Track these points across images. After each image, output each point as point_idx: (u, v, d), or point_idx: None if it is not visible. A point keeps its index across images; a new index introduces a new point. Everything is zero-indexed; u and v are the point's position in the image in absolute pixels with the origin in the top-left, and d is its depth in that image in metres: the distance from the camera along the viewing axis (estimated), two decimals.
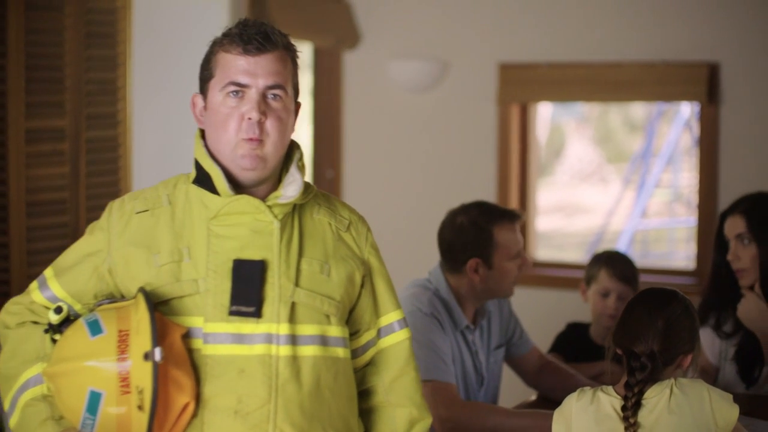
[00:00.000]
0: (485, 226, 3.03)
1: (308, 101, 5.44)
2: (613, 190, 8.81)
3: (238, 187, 2.08)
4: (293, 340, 2.04)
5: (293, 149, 2.15)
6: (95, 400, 1.92)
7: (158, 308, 2.01)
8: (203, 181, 2.08)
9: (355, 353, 2.20)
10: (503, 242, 3.04)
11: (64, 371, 1.96)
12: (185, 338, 2.01)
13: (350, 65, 5.27)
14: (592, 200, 9.15)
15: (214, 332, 2.02)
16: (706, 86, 4.59)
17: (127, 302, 2.02)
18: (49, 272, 2.14)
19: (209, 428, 2.00)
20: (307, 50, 5.45)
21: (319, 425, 2.06)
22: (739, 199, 3.22)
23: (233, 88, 2.05)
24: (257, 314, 2.03)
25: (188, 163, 2.16)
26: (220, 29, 2.11)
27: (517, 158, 5.08)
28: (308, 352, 2.06)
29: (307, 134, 5.53)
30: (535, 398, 3.29)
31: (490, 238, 3.03)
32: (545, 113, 7.48)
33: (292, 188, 2.10)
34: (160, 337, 1.94)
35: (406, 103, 5.19)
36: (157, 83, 4.15)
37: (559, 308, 4.66)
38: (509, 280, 3.06)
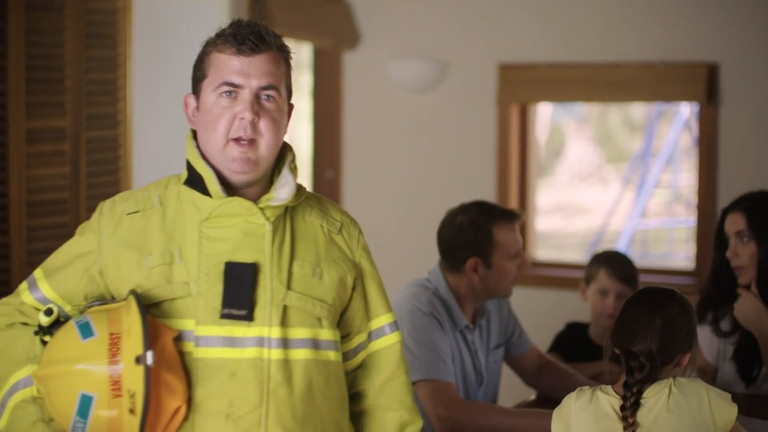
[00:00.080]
0: (485, 225, 3.04)
1: (308, 101, 5.45)
2: (612, 190, 8.80)
3: (229, 187, 2.07)
4: (285, 343, 2.03)
5: (285, 151, 2.13)
6: (86, 403, 1.91)
7: (149, 311, 1.99)
8: (195, 182, 2.07)
9: (345, 356, 2.18)
10: (502, 242, 3.04)
11: (54, 374, 1.94)
12: (176, 341, 1.99)
13: (350, 65, 5.28)
14: (591, 200, 9.14)
15: (205, 335, 2.00)
16: (705, 86, 4.60)
17: (117, 304, 2.00)
18: (38, 273, 2.11)
19: None
20: (307, 50, 5.45)
21: (310, 429, 2.05)
22: (741, 196, 3.21)
23: (226, 88, 2.03)
24: (249, 317, 2.01)
25: None
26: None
27: (516, 158, 5.08)
28: (300, 355, 2.04)
29: (307, 134, 5.53)
30: (534, 398, 3.29)
31: (489, 237, 3.03)
32: (545, 113, 7.47)
33: (284, 191, 2.08)
34: (151, 340, 1.92)
35: (405, 103, 5.19)
36: (157, 83, 4.15)
37: (558, 308, 4.67)
38: (508, 279, 3.07)
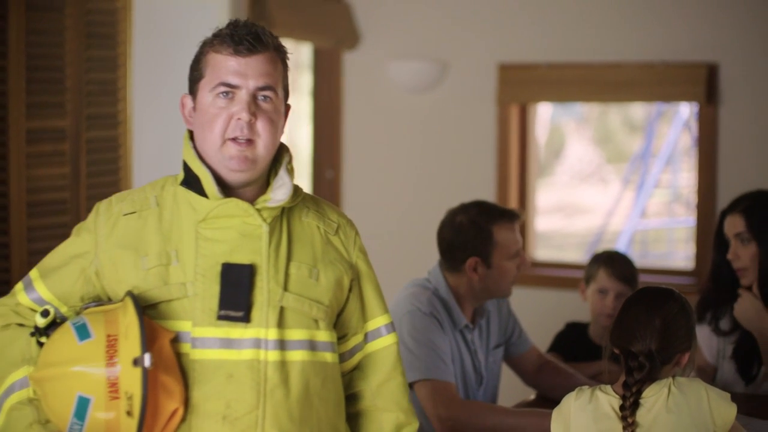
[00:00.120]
0: (485, 225, 3.04)
1: (308, 101, 5.45)
2: (612, 190, 8.80)
3: (225, 188, 2.06)
4: (282, 345, 2.03)
5: (282, 152, 2.12)
6: (83, 405, 1.90)
7: (146, 312, 1.99)
8: (192, 183, 2.06)
9: (342, 357, 2.17)
10: (502, 241, 3.04)
11: (51, 376, 1.93)
12: (173, 343, 1.99)
13: (350, 66, 5.28)
14: (591, 200, 9.13)
15: (202, 337, 2.00)
16: (705, 87, 4.60)
17: (114, 305, 2.00)
18: (34, 273, 2.10)
19: None
20: (307, 51, 5.45)
21: (307, 430, 2.05)
22: (738, 197, 3.21)
23: (223, 88, 2.03)
24: (246, 319, 2.01)
25: None
26: None
27: (516, 158, 5.08)
28: (297, 357, 2.04)
29: (307, 134, 5.53)
30: (534, 397, 3.29)
31: (489, 237, 3.03)
32: (545, 114, 7.47)
33: (281, 192, 2.07)
34: (148, 341, 1.91)
35: (405, 103, 5.19)
36: (157, 84, 4.15)
37: (558, 308, 4.67)
38: (508, 279, 3.07)
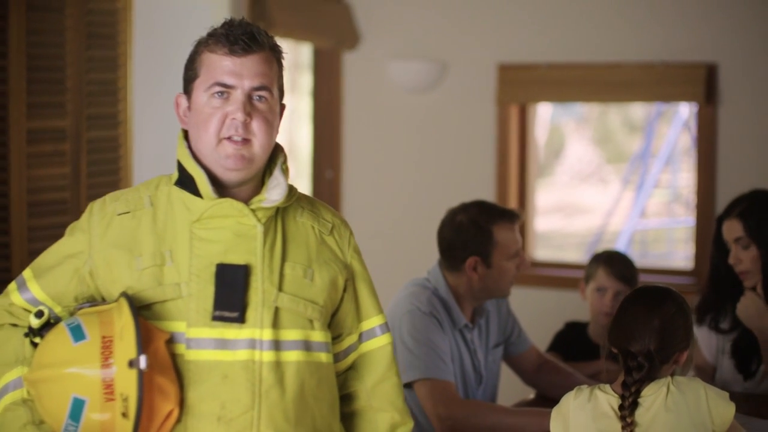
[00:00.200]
0: (485, 224, 3.04)
1: (308, 102, 5.46)
2: (612, 190, 8.80)
3: (220, 187, 2.05)
4: (276, 345, 2.02)
5: (277, 152, 2.12)
6: (78, 406, 1.89)
7: (140, 313, 1.97)
8: (186, 183, 2.05)
9: (336, 357, 2.17)
10: (502, 241, 3.05)
11: (46, 377, 1.92)
12: (168, 343, 1.98)
13: (350, 66, 5.28)
14: (591, 200, 9.12)
15: (197, 337, 1.99)
16: (704, 87, 4.61)
17: (108, 306, 1.98)
18: (28, 273, 2.09)
19: None
20: (306, 51, 5.46)
21: (302, 430, 2.04)
22: (733, 200, 3.21)
23: (219, 88, 2.02)
24: (240, 319, 2.00)
25: None
26: None
27: (516, 159, 5.09)
28: (292, 357, 2.04)
29: (307, 134, 5.54)
30: (533, 397, 3.30)
31: (489, 236, 3.04)
32: (545, 114, 7.47)
33: (276, 192, 2.06)
34: (144, 343, 1.91)
35: (405, 103, 5.20)
36: (157, 84, 4.16)
37: (558, 308, 4.67)
38: (507, 279, 3.07)
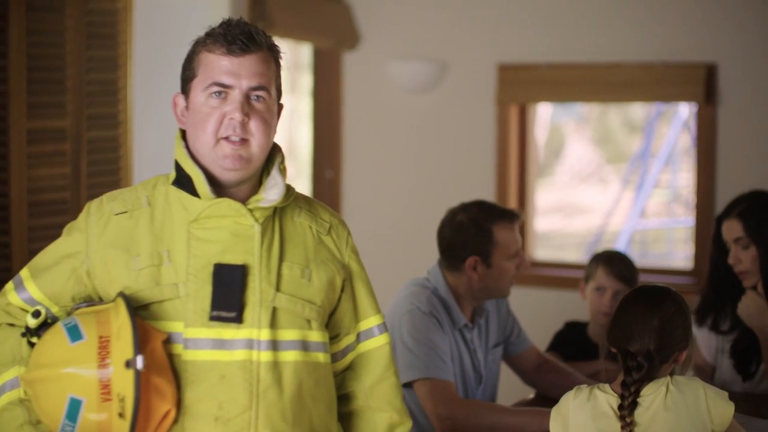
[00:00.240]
0: (485, 224, 3.05)
1: (308, 102, 5.46)
2: (612, 190, 8.80)
3: (218, 187, 2.05)
4: (274, 345, 2.02)
5: (275, 152, 2.11)
6: (75, 406, 1.89)
7: (138, 313, 1.97)
8: (183, 182, 2.05)
9: (334, 357, 2.17)
10: (502, 241, 3.05)
11: (43, 377, 1.92)
12: (165, 343, 1.98)
13: (350, 66, 5.29)
14: (591, 200, 9.13)
15: (194, 338, 1.99)
16: (703, 87, 4.61)
17: (105, 306, 1.98)
18: (25, 273, 2.08)
19: None
20: (306, 51, 5.47)
21: (300, 431, 2.04)
22: (733, 201, 3.22)
23: (216, 88, 2.02)
24: (238, 319, 2.00)
25: None
26: None
27: (515, 159, 5.09)
28: (289, 357, 2.03)
29: (307, 134, 5.54)
30: (533, 396, 3.30)
31: (489, 236, 3.04)
32: (545, 114, 7.47)
33: (273, 192, 2.06)
34: (141, 343, 1.90)
35: (405, 103, 5.20)
36: (157, 84, 4.16)
37: (557, 308, 4.68)
38: (507, 279, 3.08)
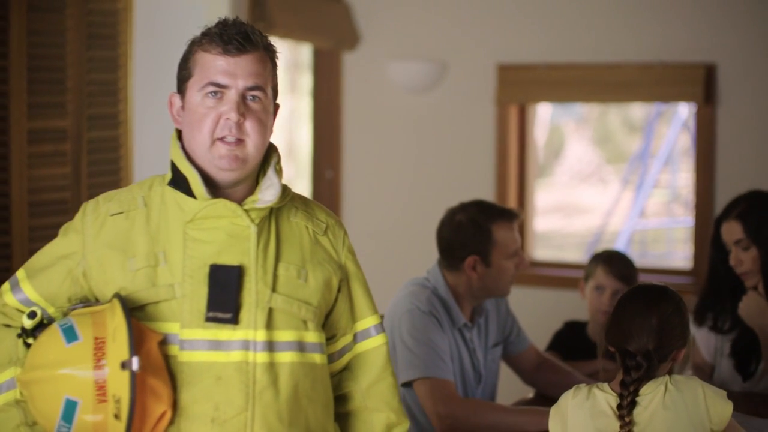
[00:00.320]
0: (484, 224, 3.05)
1: (308, 102, 5.47)
2: (611, 190, 8.80)
3: (214, 187, 2.04)
4: (270, 346, 2.01)
5: (271, 152, 2.11)
6: (71, 408, 1.89)
7: (134, 314, 1.97)
8: (179, 183, 2.04)
9: (331, 358, 2.16)
10: (501, 240, 3.06)
11: (38, 378, 1.92)
12: (161, 345, 1.97)
13: (350, 66, 5.29)
14: (591, 201, 9.13)
15: (190, 339, 1.98)
16: (702, 87, 4.61)
17: (101, 307, 1.98)
18: (21, 274, 2.07)
19: None
20: (306, 51, 5.47)
21: None
22: (731, 202, 3.21)
23: (212, 88, 2.01)
24: (234, 320, 1.99)
25: None
26: None
27: (515, 159, 5.10)
28: (285, 358, 2.03)
29: (307, 134, 5.55)
30: (532, 396, 3.30)
31: (488, 235, 3.05)
32: (545, 114, 7.48)
33: (269, 192, 2.05)
34: (136, 344, 1.90)
35: (405, 103, 5.21)
36: (158, 84, 4.16)
37: (557, 307, 4.68)
38: (506, 278, 3.08)
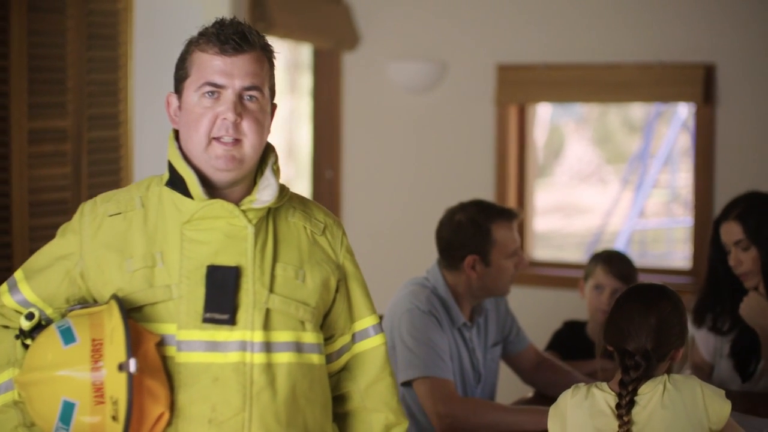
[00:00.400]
0: (483, 223, 3.06)
1: (308, 102, 5.48)
2: (611, 190, 8.81)
3: (211, 188, 2.04)
4: (268, 347, 2.01)
5: (268, 152, 2.10)
6: (69, 409, 1.89)
7: (131, 315, 1.97)
8: (177, 183, 2.04)
9: (329, 358, 2.16)
10: (501, 240, 3.06)
11: (36, 380, 1.92)
12: (158, 346, 1.97)
13: (350, 66, 5.30)
14: (590, 201, 9.13)
15: (187, 340, 1.98)
16: (702, 87, 4.62)
17: (99, 308, 1.97)
18: (19, 275, 2.07)
19: None
20: (306, 51, 5.48)
21: None
22: (730, 203, 3.20)
23: (209, 88, 2.01)
24: (231, 321, 1.99)
25: None
26: None
27: (515, 159, 5.10)
28: (283, 359, 2.02)
29: (306, 134, 5.56)
30: (532, 395, 3.30)
31: (488, 235, 3.05)
32: (545, 114, 7.48)
33: (266, 192, 2.05)
34: (134, 345, 1.90)
35: (404, 103, 5.21)
36: (158, 84, 4.15)
37: (557, 307, 4.69)
38: (506, 278, 3.09)
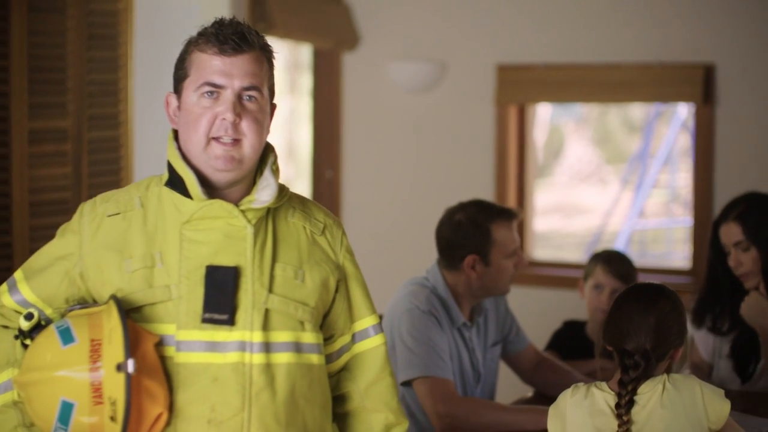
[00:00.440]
0: (483, 223, 3.06)
1: (308, 102, 5.48)
2: (611, 190, 8.81)
3: (210, 188, 2.03)
4: (267, 347, 2.00)
5: (267, 152, 2.10)
6: (67, 410, 1.89)
7: (130, 315, 1.97)
8: (176, 184, 2.03)
9: (329, 358, 2.16)
10: (500, 239, 3.07)
11: (35, 380, 1.92)
12: (157, 346, 1.97)
13: (350, 66, 5.30)
14: (590, 201, 9.14)
15: (186, 340, 1.98)
16: (701, 87, 4.62)
17: (98, 308, 1.98)
18: (18, 275, 2.07)
19: None
20: (306, 51, 5.48)
21: None
22: (729, 204, 3.21)
23: (208, 88, 2.00)
24: (230, 322, 1.98)
25: None
26: None
27: (514, 159, 5.10)
28: (282, 359, 2.02)
29: (306, 134, 5.56)
30: (531, 395, 3.31)
31: (487, 235, 3.05)
32: (544, 114, 7.49)
33: (266, 193, 2.05)
34: (132, 346, 1.90)
35: (404, 103, 5.22)
36: (158, 84, 4.15)
37: (556, 307, 4.69)
38: (505, 277, 3.09)
